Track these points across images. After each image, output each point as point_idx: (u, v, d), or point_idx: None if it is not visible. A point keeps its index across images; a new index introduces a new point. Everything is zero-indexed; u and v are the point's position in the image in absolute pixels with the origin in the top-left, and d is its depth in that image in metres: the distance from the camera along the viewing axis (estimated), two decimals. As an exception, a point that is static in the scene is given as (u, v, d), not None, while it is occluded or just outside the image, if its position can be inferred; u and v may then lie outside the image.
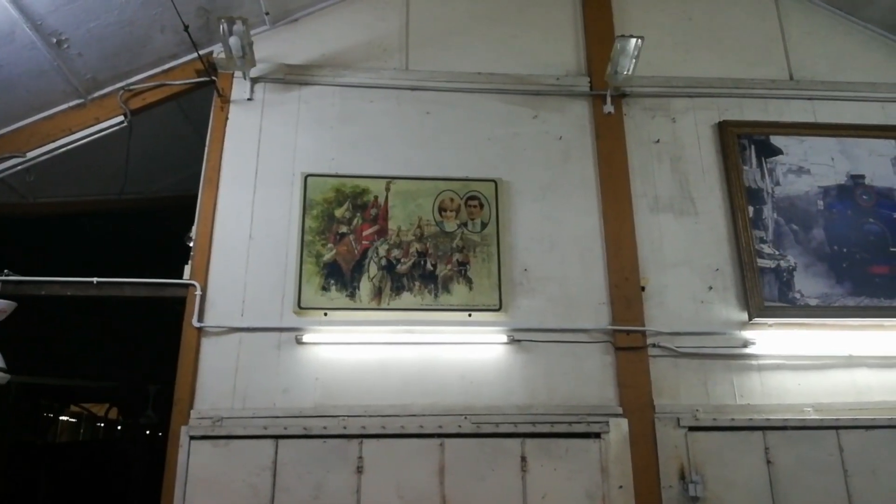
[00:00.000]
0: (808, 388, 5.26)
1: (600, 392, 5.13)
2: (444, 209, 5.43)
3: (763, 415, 5.11)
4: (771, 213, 5.64)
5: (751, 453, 5.00)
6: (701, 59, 6.16)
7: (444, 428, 4.87)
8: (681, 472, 4.93)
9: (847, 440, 5.08)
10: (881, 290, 5.47)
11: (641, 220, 5.60)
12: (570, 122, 5.87)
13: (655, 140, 5.86)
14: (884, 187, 5.80)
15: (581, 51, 6.14)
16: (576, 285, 5.39)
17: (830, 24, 6.40)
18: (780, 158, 5.81)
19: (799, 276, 5.47)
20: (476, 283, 5.24)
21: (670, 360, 5.25)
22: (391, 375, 5.03)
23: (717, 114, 5.95)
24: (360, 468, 4.74)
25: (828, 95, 6.08)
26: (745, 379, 5.25)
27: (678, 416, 5.05)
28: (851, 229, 5.63)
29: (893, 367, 5.36)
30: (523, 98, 5.90)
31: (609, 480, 4.86)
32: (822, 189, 5.74)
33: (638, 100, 5.96)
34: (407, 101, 5.82)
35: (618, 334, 5.23)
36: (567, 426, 4.97)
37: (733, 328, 5.35)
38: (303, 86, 5.82)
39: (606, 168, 5.70)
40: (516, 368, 5.14)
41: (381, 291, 5.16)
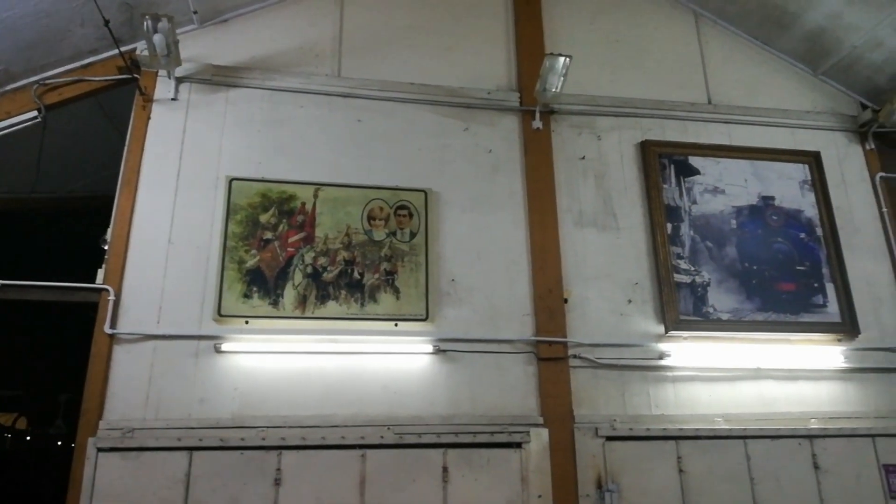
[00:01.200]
0: (719, 399, 5.49)
1: (522, 402, 5.20)
2: (374, 218, 5.41)
3: (676, 425, 5.29)
4: (688, 231, 5.88)
5: (664, 462, 5.17)
6: (626, 80, 6.37)
7: (366, 439, 4.82)
8: (598, 481, 5.05)
9: (754, 449, 5.33)
10: (787, 306, 5.78)
11: (566, 233, 5.73)
12: (499, 135, 5.96)
13: (581, 156, 6.02)
14: (792, 208, 6.13)
15: (512, 66, 6.25)
16: (502, 296, 5.46)
17: (747, 52, 6.75)
18: (698, 178, 6.07)
19: (712, 291, 5.72)
20: (403, 293, 5.23)
21: (590, 370, 5.38)
22: (313, 385, 4.95)
23: (640, 133, 6.17)
24: (279, 480, 4.64)
25: (743, 120, 6.40)
26: (660, 390, 5.43)
27: (596, 425, 5.18)
28: (761, 247, 5.93)
29: (797, 379, 5.65)
30: (455, 110, 5.96)
31: (529, 490, 4.92)
32: (735, 209, 6.03)
33: (566, 117, 6.12)
34: (338, 108, 5.77)
35: (541, 345, 5.33)
36: (489, 436, 5.01)
37: (650, 340, 5.54)
38: (230, 87, 5.70)
39: (534, 182, 5.81)
40: (441, 378, 5.15)
41: (306, 300, 5.08)
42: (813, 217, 6.11)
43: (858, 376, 5.72)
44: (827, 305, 5.82)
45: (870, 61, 6.33)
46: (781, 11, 6.31)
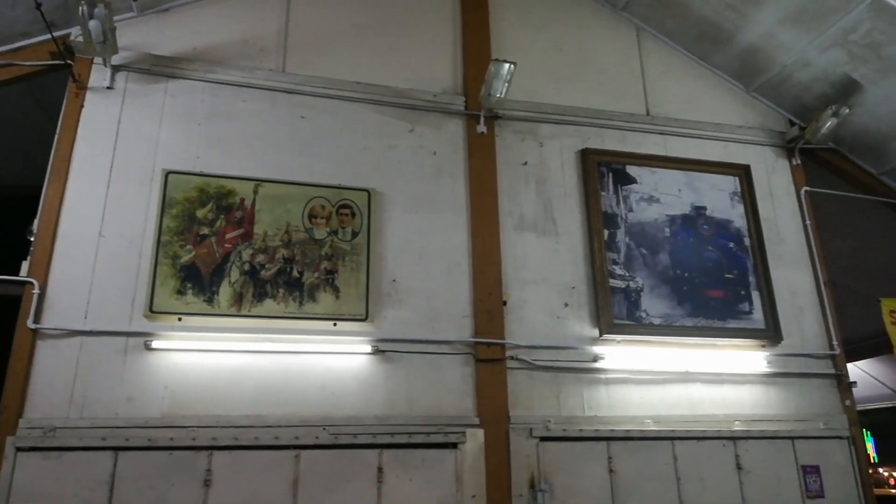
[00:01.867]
0: (649, 401, 5.66)
1: (459, 403, 5.24)
2: (315, 216, 5.36)
3: (608, 426, 5.43)
4: (624, 237, 6.05)
5: (596, 462, 5.30)
6: (569, 89, 6.52)
7: (300, 439, 4.77)
8: (531, 481, 5.13)
9: (681, 450, 5.52)
10: (716, 312, 6.01)
11: (507, 237, 5.82)
12: (444, 138, 6.00)
13: (523, 162, 6.12)
14: (722, 218, 6.38)
15: (458, 70, 6.31)
16: (442, 298, 5.49)
17: (684, 66, 7.00)
18: (634, 187, 6.25)
19: (646, 296, 5.90)
20: (343, 293, 5.20)
21: (527, 372, 5.46)
22: (247, 385, 4.87)
23: (581, 141, 6.32)
24: (209, 481, 4.54)
25: (678, 132, 6.63)
26: (593, 391, 5.57)
27: (531, 426, 5.27)
28: (693, 255, 6.15)
29: (723, 382, 5.88)
30: (400, 111, 5.97)
31: (463, 490, 4.96)
32: (669, 217, 6.24)
33: (510, 122, 6.21)
34: (282, 104, 5.71)
35: (479, 347, 5.39)
36: (425, 436, 5.03)
37: (585, 343, 5.67)
38: (170, 79, 5.56)
39: (477, 186, 5.88)
40: (379, 379, 5.15)
41: (243, 297, 4.99)
42: (742, 227, 6.38)
43: (780, 381, 5.99)
44: (752, 312, 6.08)
45: (798, 80, 6.65)
46: (718, 29, 6.57)
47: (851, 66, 6.21)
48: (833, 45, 6.11)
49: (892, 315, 6.59)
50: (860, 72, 6.23)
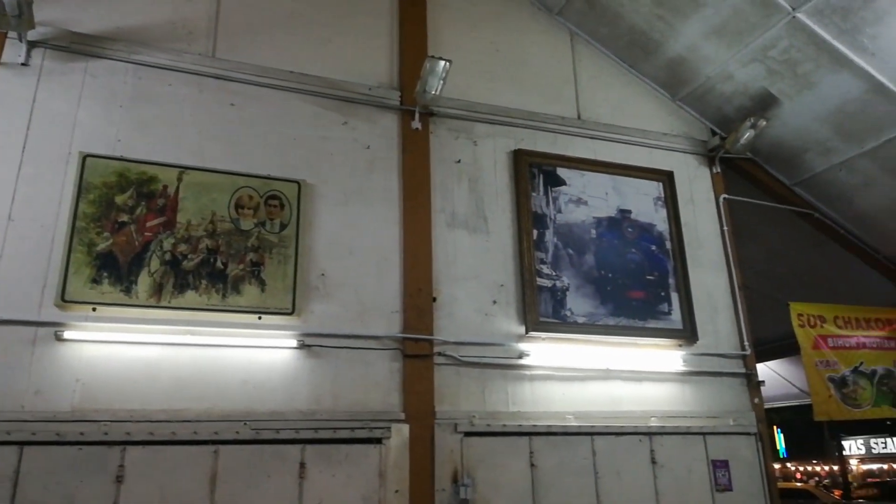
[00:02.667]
0: (571, 398, 5.81)
1: (385, 398, 5.24)
2: (242, 206, 5.24)
3: (531, 421, 5.55)
4: (552, 238, 6.18)
5: (518, 457, 5.41)
6: (503, 90, 6.60)
7: (220, 434, 4.67)
8: (454, 476, 5.19)
9: (600, 445, 5.69)
10: (637, 312, 6.23)
11: (438, 234, 5.84)
12: (378, 132, 5.97)
13: (457, 160, 6.16)
14: (646, 222, 6.61)
15: (395, 65, 6.28)
16: (371, 293, 5.47)
17: (615, 73, 7.20)
18: (564, 189, 6.40)
19: (571, 295, 6.05)
20: (269, 286, 5.11)
21: (454, 368, 5.51)
22: (165, 378, 4.72)
23: (514, 142, 6.41)
24: (121, 477, 4.38)
25: (607, 136, 6.83)
26: (518, 387, 5.67)
27: (456, 422, 5.32)
28: (617, 257, 6.35)
29: (642, 380, 6.10)
30: (334, 103, 5.90)
31: (386, 485, 4.97)
32: (596, 219, 6.41)
33: (444, 120, 6.24)
34: (210, 90, 5.54)
35: (407, 342, 5.39)
36: (350, 432, 5.01)
37: (512, 340, 5.77)
38: (91, 58, 5.31)
39: (410, 181, 5.88)
40: (304, 374, 5.08)
41: (163, 288, 4.83)
42: (664, 231, 6.63)
43: (695, 379, 6.26)
44: (671, 313, 6.33)
45: (720, 92, 6.95)
46: (647, 38, 6.79)
47: (769, 80, 6.54)
48: (753, 60, 6.41)
49: (799, 318, 7.00)
50: (777, 87, 6.57)
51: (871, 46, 5.81)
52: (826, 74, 6.19)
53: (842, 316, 7.11)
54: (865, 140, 6.62)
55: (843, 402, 6.73)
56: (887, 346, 7.20)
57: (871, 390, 6.92)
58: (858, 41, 5.81)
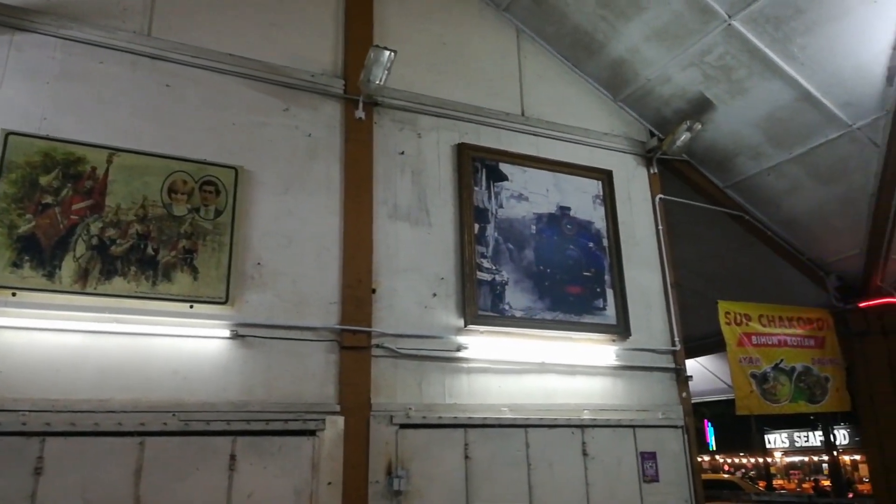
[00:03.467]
0: (507, 390, 5.89)
1: (321, 390, 5.19)
2: (175, 191, 5.08)
3: (467, 413, 5.60)
4: (493, 232, 6.23)
5: (452, 449, 5.45)
6: (449, 83, 6.60)
7: (146, 425, 4.53)
8: (388, 468, 5.19)
9: (533, 437, 5.79)
10: (573, 308, 6.35)
11: (380, 225, 5.81)
12: (320, 120, 5.88)
13: (401, 151, 6.13)
14: (584, 220, 6.74)
15: (339, 53, 6.20)
16: (309, 283, 5.40)
17: (559, 72, 7.30)
18: (506, 184, 6.46)
19: (510, 289, 6.12)
20: (202, 273, 4.98)
21: (391, 360, 5.50)
22: (90, 368, 4.55)
23: (458, 135, 6.43)
24: (40, 469, 4.21)
25: (550, 134, 6.92)
26: (455, 380, 5.71)
27: (392, 414, 5.32)
28: (555, 253, 6.45)
29: (576, 374, 6.23)
30: (275, 89, 5.78)
31: (319, 477, 4.93)
32: (536, 215, 6.50)
33: (389, 111, 6.20)
34: (144, 69, 5.35)
35: (345, 334, 5.35)
36: (283, 424, 4.94)
37: (450, 333, 5.80)
38: (17, 31, 5.05)
39: (352, 172, 5.82)
40: (237, 364, 4.98)
41: (88, 273, 4.65)
42: (601, 229, 6.77)
43: (627, 373, 6.44)
44: (606, 309, 6.48)
45: (659, 94, 7.14)
46: (591, 39, 6.90)
47: (706, 85, 6.76)
48: (691, 64, 6.61)
49: (727, 316, 7.27)
50: (713, 91, 6.79)
51: (800, 56, 6.07)
52: (758, 81, 6.43)
53: (766, 315, 7.42)
54: (793, 146, 6.92)
55: (764, 398, 7.04)
56: (806, 344, 7.56)
57: (789, 386, 7.27)
58: (789, 50, 6.06)
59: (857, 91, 6.16)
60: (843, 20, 5.69)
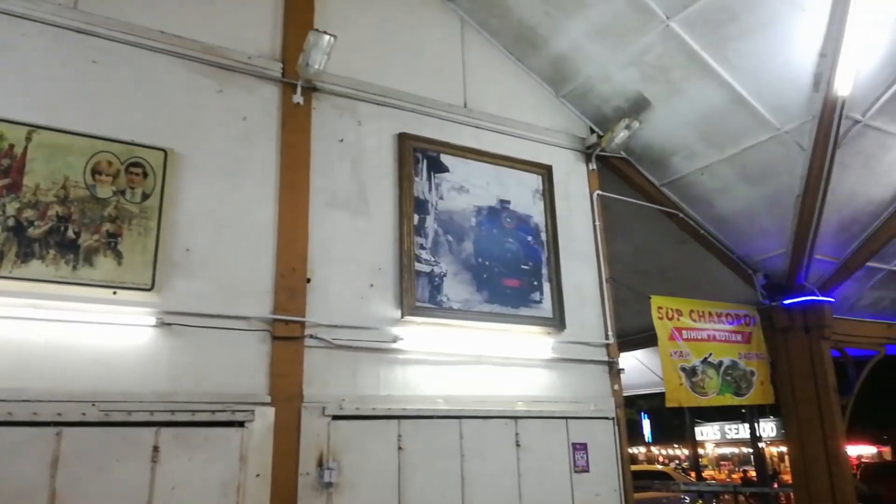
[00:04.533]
0: (443, 382, 5.89)
1: (251, 381, 5.08)
2: (100, 172, 4.87)
3: (401, 405, 5.57)
4: (432, 224, 6.22)
5: (385, 440, 5.42)
6: (392, 72, 6.52)
7: (63, 416, 4.34)
8: (320, 460, 5.12)
9: (467, 428, 5.82)
10: (511, 300, 6.40)
11: (316, 213, 5.71)
12: (257, 104, 5.73)
13: (340, 139, 6.04)
14: (524, 213, 6.79)
15: (278, 36, 6.05)
16: (241, 271, 5.27)
17: (503, 65, 7.32)
18: (447, 176, 6.45)
19: (448, 281, 6.12)
20: (127, 259, 4.79)
21: (325, 351, 5.43)
22: (3, 354, 4.32)
23: (399, 125, 6.37)
24: (-58, 463, 3.98)
25: (492, 127, 6.93)
26: (390, 371, 5.68)
27: (324, 405, 5.25)
28: (494, 246, 6.49)
29: (511, 366, 6.28)
30: (210, 69, 5.60)
31: (247, 469, 4.82)
32: (476, 208, 6.51)
33: (328, 97, 6.09)
34: (69, 44, 5.09)
35: (277, 324, 5.25)
36: (210, 415, 4.81)
37: (386, 324, 5.75)
38: (-74, -5, 4.74)
39: (289, 158, 5.70)
40: (163, 354, 4.82)
41: (4, 256, 4.41)
42: (540, 223, 6.84)
43: (561, 365, 6.53)
44: (542, 302, 6.56)
45: (600, 92, 7.24)
46: (534, 33, 6.94)
47: (644, 84, 6.89)
48: (630, 63, 6.72)
49: (659, 311, 7.46)
50: (651, 91, 6.94)
51: (734, 59, 6.25)
52: (694, 83, 6.60)
53: (696, 310, 7.66)
54: (725, 147, 7.14)
55: (692, 390, 7.27)
56: (734, 339, 7.85)
57: (716, 380, 7.52)
58: (723, 54, 6.23)
59: (785, 96, 6.39)
60: (774, 27, 5.89)
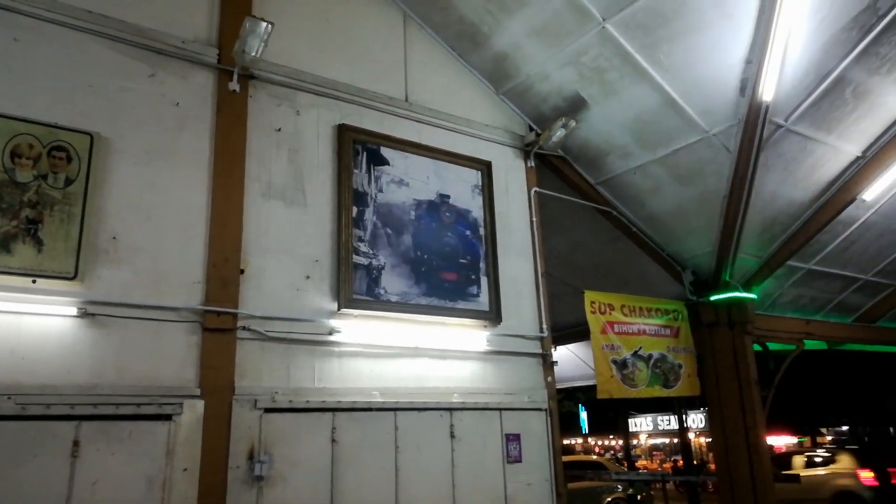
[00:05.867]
0: (379, 374, 5.90)
1: (180, 373, 4.96)
2: (20, 156, 4.65)
3: (336, 397, 5.55)
4: (371, 216, 6.20)
5: (319, 433, 5.39)
6: (332, 62, 6.45)
7: (-25, 409, 4.15)
8: (251, 453, 5.05)
9: (402, 420, 5.84)
10: (448, 294, 6.45)
11: (251, 203, 5.61)
12: (190, 90, 5.58)
13: (277, 128, 5.95)
14: (463, 208, 6.85)
15: (215, 21, 5.90)
16: (171, 261, 5.13)
17: (445, 60, 7.34)
18: (387, 169, 6.43)
19: (386, 274, 6.12)
20: (48, 246, 4.59)
21: (259, 343, 5.35)
22: None
23: (339, 116, 6.31)
24: None
25: (433, 122, 6.95)
26: (325, 364, 5.64)
27: (257, 397, 5.18)
28: (433, 239, 6.52)
29: (448, 358, 6.34)
30: (141, 52, 5.42)
31: (174, 463, 4.72)
32: (416, 202, 6.53)
33: (266, 85, 5.98)
34: (-13, 20, 4.84)
35: (208, 315, 5.14)
36: (135, 408, 4.68)
37: (323, 316, 5.71)
38: None
39: (223, 145, 5.57)
40: (85, 345, 4.65)
41: None
42: (479, 218, 6.91)
43: (496, 358, 6.63)
44: (479, 296, 6.63)
45: (538, 91, 7.36)
46: (476, 30, 6.99)
47: (581, 85, 7.04)
48: (568, 63, 6.86)
49: (592, 305, 7.67)
50: (587, 91, 7.09)
51: (666, 63, 6.46)
52: (628, 84, 6.79)
53: (628, 305, 7.90)
54: (657, 148, 7.37)
55: (623, 382, 7.51)
56: (663, 333, 8.14)
57: (646, 372, 7.79)
58: (656, 57, 6.43)
59: (714, 99, 6.65)
60: (704, 32, 6.11)
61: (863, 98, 6.91)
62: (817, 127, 7.06)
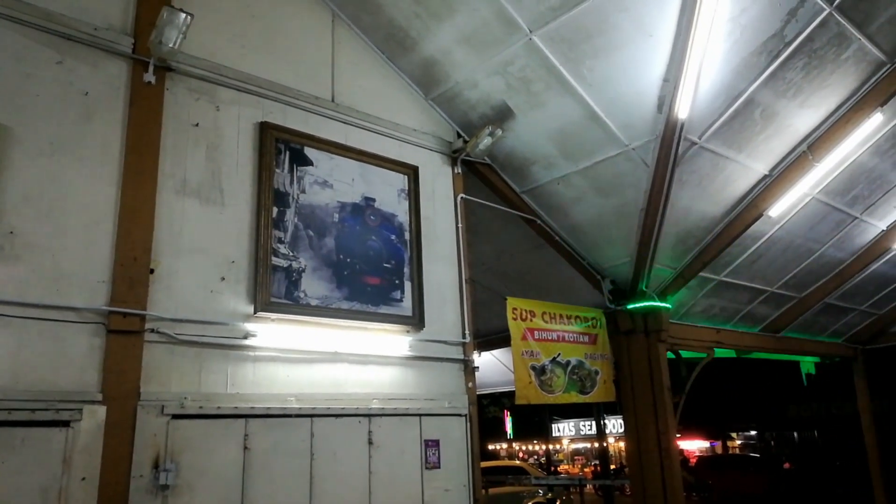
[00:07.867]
0: (296, 380, 5.76)
1: (80, 377, 4.69)
2: None
3: (249, 403, 5.39)
4: (293, 217, 6.06)
5: (230, 440, 5.22)
6: (255, 58, 6.28)
7: None
8: (156, 461, 4.83)
9: (319, 427, 5.73)
10: (371, 298, 6.38)
11: (164, 200, 5.39)
12: (101, 79, 5.31)
13: (195, 123, 5.74)
14: (388, 212, 6.80)
15: (131, 9, 5.63)
16: (73, 259, 4.85)
17: (373, 63, 7.28)
18: (310, 169, 6.32)
19: (307, 277, 5.99)
20: (-66, 240, 4.26)
21: (167, 346, 5.13)
22: None
23: (261, 114, 6.15)
24: None
25: (360, 124, 6.88)
26: (239, 369, 5.47)
27: (164, 403, 4.96)
28: (357, 243, 6.44)
29: (368, 364, 6.27)
30: (49, 38, 5.11)
31: (71, 472, 4.45)
32: (340, 204, 6.43)
33: (184, 78, 5.76)
34: None
35: (114, 316, 4.88)
36: (29, 413, 4.39)
37: (238, 320, 5.54)
38: None
39: (135, 139, 5.32)
40: (-26, 346, 4.34)
41: None
42: (404, 222, 6.88)
43: (417, 363, 6.61)
44: (403, 300, 6.60)
45: (467, 98, 7.41)
46: (405, 34, 6.98)
47: (508, 94, 7.14)
48: (495, 72, 6.94)
49: (514, 311, 7.78)
50: (514, 101, 7.20)
51: (589, 77, 6.64)
52: (553, 96, 6.93)
53: (549, 312, 8.06)
54: (580, 160, 7.56)
55: (541, 388, 7.64)
56: (581, 340, 8.34)
57: (563, 378, 7.95)
58: (580, 71, 6.60)
59: (633, 115, 6.88)
60: (625, 49, 6.32)
61: (770, 119, 7.31)
62: (728, 145, 7.41)
